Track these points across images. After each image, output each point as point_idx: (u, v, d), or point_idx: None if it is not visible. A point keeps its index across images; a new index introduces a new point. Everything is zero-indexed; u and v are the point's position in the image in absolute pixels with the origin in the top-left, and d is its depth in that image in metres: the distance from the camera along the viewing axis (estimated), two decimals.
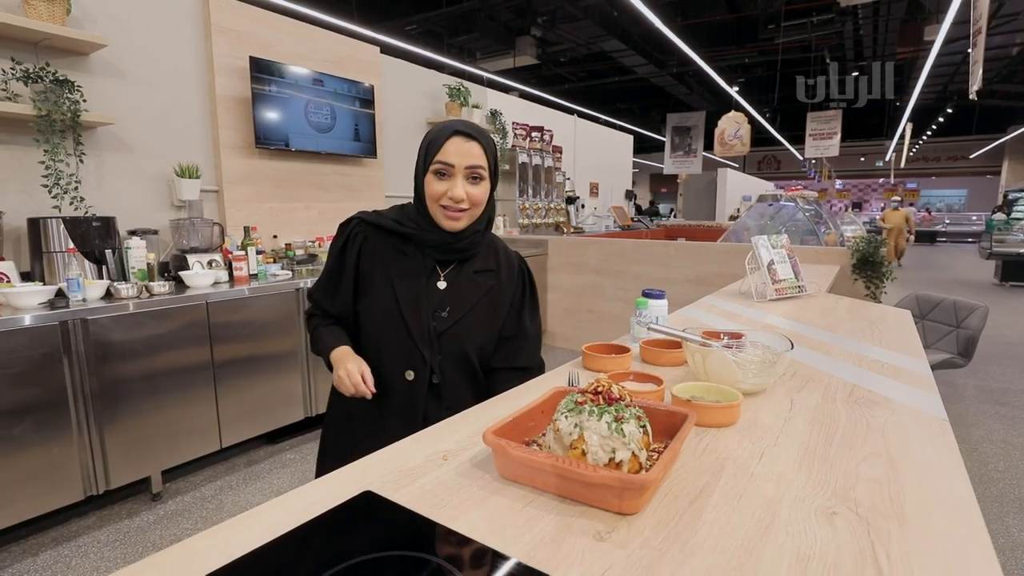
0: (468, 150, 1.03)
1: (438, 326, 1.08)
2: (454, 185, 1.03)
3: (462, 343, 1.09)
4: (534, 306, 1.21)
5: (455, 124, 1.05)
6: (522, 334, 1.17)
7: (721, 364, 1.01)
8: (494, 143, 1.10)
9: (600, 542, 0.57)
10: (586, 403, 0.69)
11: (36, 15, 2.22)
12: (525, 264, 1.23)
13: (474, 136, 1.04)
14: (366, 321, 1.12)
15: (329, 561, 0.53)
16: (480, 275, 1.13)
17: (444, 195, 1.03)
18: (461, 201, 1.03)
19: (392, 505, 0.64)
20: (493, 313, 1.14)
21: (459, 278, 1.12)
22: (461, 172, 1.03)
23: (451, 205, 1.04)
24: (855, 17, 8.80)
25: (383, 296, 1.09)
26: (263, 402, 2.68)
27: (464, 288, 1.11)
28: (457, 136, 1.03)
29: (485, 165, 1.05)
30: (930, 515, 0.62)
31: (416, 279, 1.09)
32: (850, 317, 1.81)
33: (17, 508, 1.94)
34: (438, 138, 1.03)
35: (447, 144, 1.02)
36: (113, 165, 2.64)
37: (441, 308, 1.09)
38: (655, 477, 0.61)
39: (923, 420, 0.91)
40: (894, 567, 0.53)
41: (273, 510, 0.64)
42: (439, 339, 1.08)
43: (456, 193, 1.02)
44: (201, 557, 0.55)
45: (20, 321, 1.90)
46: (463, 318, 1.09)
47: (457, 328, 1.09)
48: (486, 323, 1.13)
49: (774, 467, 0.74)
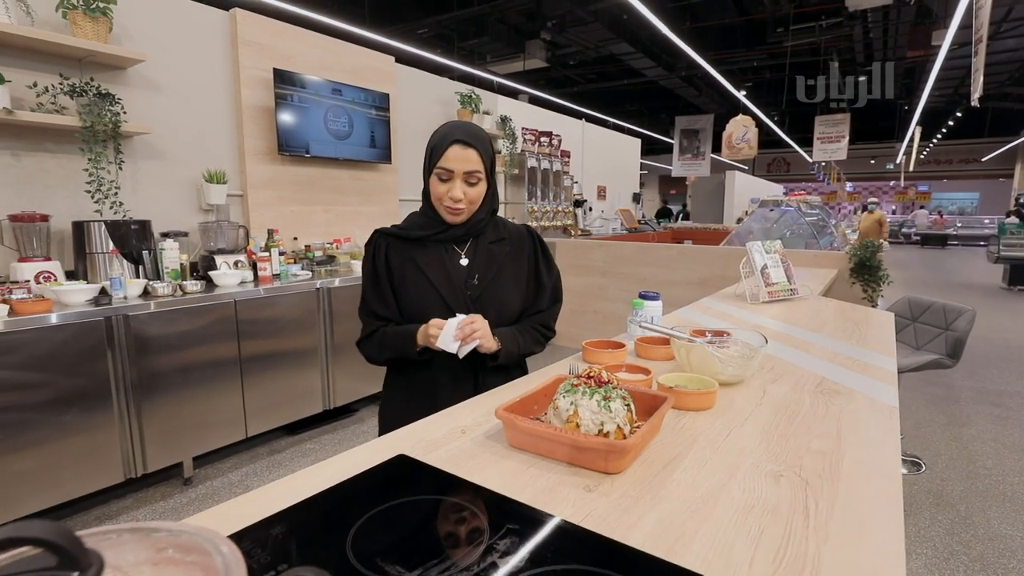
0: (466, 157, 1.17)
1: (472, 293, 1.24)
2: (453, 188, 1.18)
3: (496, 303, 1.25)
4: (548, 260, 1.38)
5: (455, 132, 1.18)
6: (540, 284, 1.35)
7: (703, 358, 1.15)
8: (491, 145, 1.24)
9: (588, 492, 0.72)
10: (580, 385, 0.84)
11: (82, 34, 2.40)
12: (531, 229, 1.40)
13: (471, 144, 1.17)
14: (409, 309, 1.25)
15: (374, 502, 0.68)
16: (494, 244, 1.30)
17: (445, 196, 1.19)
18: (459, 202, 1.19)
19: (422, 464, 0.79)
20: (516, 272, 1.31)
21: (478, 251, 1.28)
22: (460, 176, 1.18)
23: (451, 205, 1.19)
24: (864, 21, 8.86)
25: (418, 283, 1.24)
26: (285, 395, 2.85)
27: (484, 257, 1.27)
28: (456, 144, 1.16)
29: (482, 169, 1.19)
30: (859, 477, 0.76)
31: (441, 261, 1.25)
32: (835, 319, 1.94)
33: (67, 488, 2.12)
34: (440, 145, 1.18)
35: (447, 152, 1.16)
36: (148, 172, 2.82)
37: (471, 278, 1.25)
38: (635, 443, 0.75)
39: (876, 407, 1.05)
40: (819, 511, 0.67)
41: (326, 468, 0.79)
42: (475, 304, 1.23)
43: (455, 195, 1.18)
44: (273, 501, 0.70)
45: (72, 316, 2.08)
46: (491, 281, 1.26)
47: (489, 291, 1.25)
48: (512, 281, 1.29)
49: (738, 442, 0.89)
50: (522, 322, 1.33)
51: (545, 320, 1.36)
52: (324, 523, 0.65)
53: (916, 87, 11.90)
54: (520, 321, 1.32)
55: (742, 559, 0.59)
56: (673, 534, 0.63)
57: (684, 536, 0.62)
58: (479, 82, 8.15)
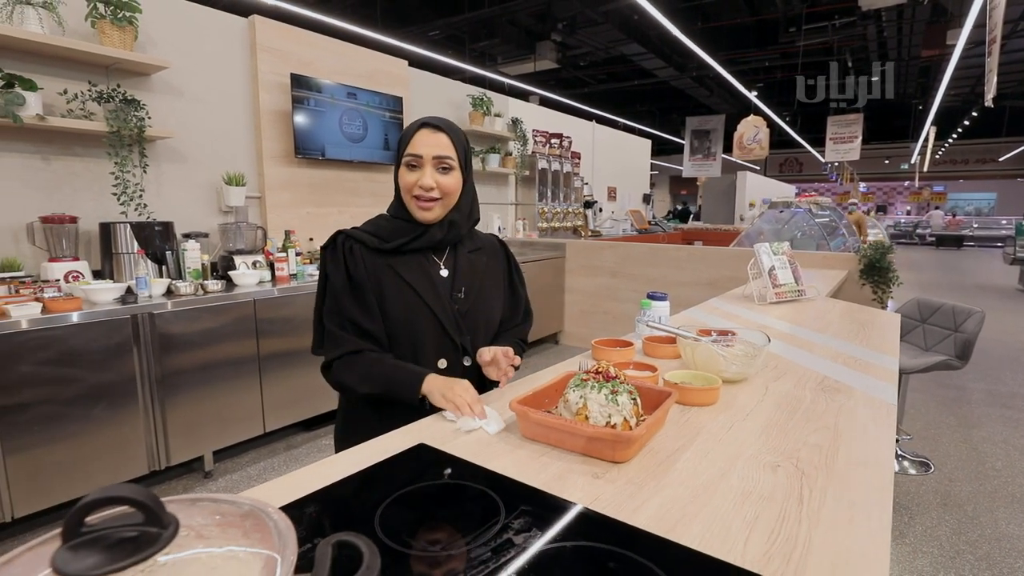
0: (435, 141, 1.08)
1: (460, 308, 1.14)
2: (423, 175, 1.08)
3: (483, 318, 1.18)
4: (520, 272, 1.33)
5: (424, 118, 1.11)
6: (516, 297, 1.30)
7: (707, 356, 1.20)
8: (464, 136, 1.15)
9: (596, 479, 0.77)
10: (590, 380, 0.89)
11: (109, 42, 2.49)
12: (499, 238, 1.34)
13: (441, 128, 1.09)
14: (394, 326, 1.11)
15: (398, 485, 0.74)
16: (473, 254, 1.22)
17: (415, 185, 1.08)
18: (431, 190, 1.08)
19: (441, 453, 0.85)
20: (495, 286, 1.24)
21: (458, 261, 1.18)
22: (429, 162, 1.08)
23: (422, 195, 1.08)
24: (878, 20, 8.80)
25: (401, 293, 1.10)
26: (301, 392, 2.93)
27: (466, 268, 1.18)
28: (424, 128, 1.09)
29: (453, 155, 1.10)
30: (852, 468, 0.81)
31: (423, 270, 1.14)
32: (841, 320, 1.97)
33: (96, 479, 2.21)
34: (407, 132, 1.10)
35: (416, 137, 1.08)
36: (171, 174, 2.92)
37: (456, 291, 1.15)
38: (640, 434, 0.81)
39: (874, 403, 1.09)
40: (812, 498, 0.72)
41: (351, 455, 0.85)
42: (464, 319, 1.15)
43: (425, 182, 1.07)
44: (304, 484, 0.76)
45: (100, 314, 2.17)
46: (477, 295, 1.17)
47: (476, 305, 1.17)
48: (495, 295, 1.22)
49: (739, 435, 0.93)
50: (506, 335, 1.25)
51: (524, 335, 1.31)
52: (353, 504, 0.71)
53: (931, 86, 11.78)
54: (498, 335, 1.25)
55: (738, 539, 0.63)
56: (674, 516, 0.68)
57: (685, 518, 0.68)
58: (490, 84, 8.22)
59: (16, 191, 2.43)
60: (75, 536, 0.34)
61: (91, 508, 0.34)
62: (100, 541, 0.34)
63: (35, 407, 2.03)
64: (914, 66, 11.31)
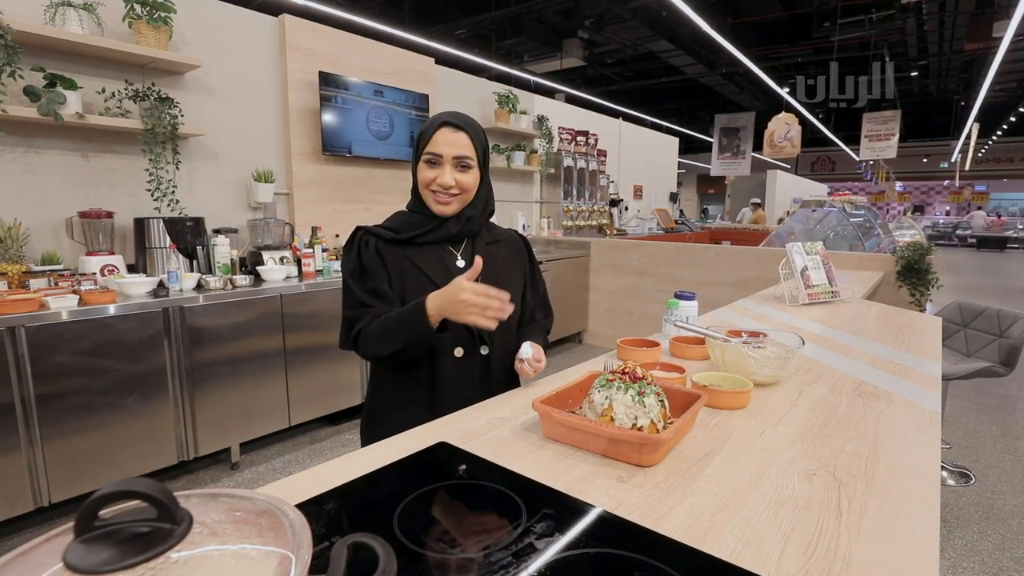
0: (456, 140, 1.08)
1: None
2: (443, 173, 1.09)
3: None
4: (538, 268, 1.32)
5: (444, 116, 1.10)
6: (536, 292, 1.30)
7: (738, 357, 1.16)
8: (483, 133, 1.16)
9: (621, 483, 0.75)
10: (615, 380, 0.86)
11: (145, 42, 2.55)
12: (520, 234, 1.33)
13: (461, 127, 1.09)
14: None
15: (418, 484, 0.73)
16: (491, 246, 1.22)
17: (433, 181, 1.09)
18: (450, 188, 1.09)
19: (462, 452, 0.83)
20: (513, 278, 1.23)
21: (476, 253, 1.16)
22: (449, 161, 1.08)
23: (440, 191, 1.10)
24: (918, 12, 8.48)
25: (420, 283, 1.12)
26: (326, 386, 2.96)
27: (483, 260, 1.13)
28: (445, 127, 1.08)
29: (473, 155, 1.10)
30: (895, 479, 0.77)
31: (441, 261, 1.15)
32: (877, 322, 1.89)
33: (126, 467, 2.27)
34: (428, 130, 1.10)
35: (436, 135, 1.08)
36: (202, 171, 2.98)
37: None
38: (668, 437, 0.78)
39: (915, 411, 1.03)
40: (852, 509, 0.68)
41: (372, 452, 0.84)
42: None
43: (444, 181, 1.08)
44: (324, 479, 0.75)
45: (133, 307, 2.22)
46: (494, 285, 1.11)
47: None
48: (512, 287, 1.19)
49: (772, 441, 0.89)
50: (530, 328, 1.26)
51: (547, 328, 1.32)
52: (372, 501, 0.70)
53: (974, 81, 11.32)
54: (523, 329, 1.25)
55: (772, 551, 0.60)
56: (704, 525, 0.65)
57: (714, 527, 0.65)
58: (516, 82, 8.20)
59: (57, 187, 2.51)
60: (88, 530, 0.34)
61: (104, 502, 0.34)
62: (113, 536, 0.34)
63: (71, 396, 2.09)
64: (956, 60, 10.87)
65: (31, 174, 2.44)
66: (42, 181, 2.47)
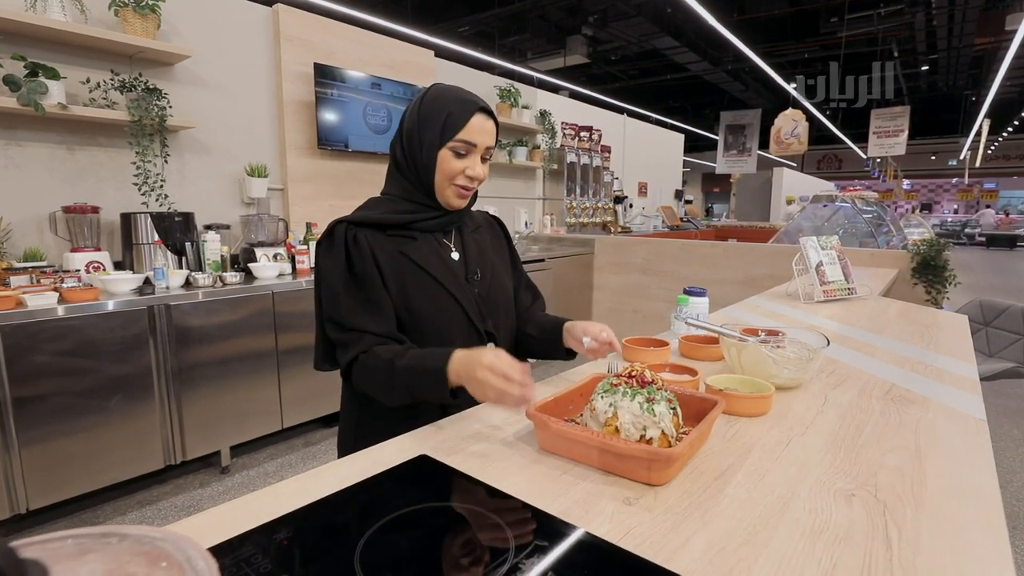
0: (490, 129, 0.99)
1: (480, 292, 1.05)
2: (474, 164, 0.98)
3: (502, 301, 1.10)
4: (513, 246, 1.24)
5: (475, 99, 0.98)
6: (519, 273, 1.22)
7: (756, 358, 1.05)
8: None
9: (628, 506, 0.64)
10: (620, 385, 0.75)
11: (132, 31, 2.46)
12: (492, 214, 1.25)
13: (492, 115, 1.00)
14: (416, 315, 0.99)
15: (389, 508, 0.62)
16: (475, 233, 1.13)
17: (461, 173, 0.98)
18: (475, 180, 0.99)
19: (444, 467, 0.73)
20: (503, 264, 1.16)
21: (466, 242, 1.09)
22: (480, 151, 0.99)
23: (466, 184, 0.99)
24: (928, 7, 8.32)
25: (422, 282, 0.99)
26: (320, 388, 2.86)
27: (474, 250, 1.09)
28: (481, 114, 0.97)
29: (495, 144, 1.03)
30: (948, 501, 0.66)
31: (438, 255, 1.03)
32: (899, 320, 1.78)
33: (111, 472, 2.17)
34: (460, 114, 0.95)
35: (472, 122, 0.96)
36: (193, 165, 2.88)
37: (471, 274, 1.06)
38: (681, 451, 0.67)
39: (958, 419, 0.92)
40: (904, 541, 0.57)
41: (342, 466, 0.74)
42: (485, 303, 1.06)
43: (476, 172, 0.98)
44: (286, 499, 0.65)
45: (116, 305, 2.13)
46: (492, 276, 1.09)
47: (493, 288, 1.08)
48: (505, 274, 1.15)
49: (800, 453, 0.78)
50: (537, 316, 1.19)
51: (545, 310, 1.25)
52: (333, 529, 0.59)
53: (985, 77, 11.13)
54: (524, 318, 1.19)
55: None
56: (727, 560, 0.54)
57: (741, 564, 0.54)
58: (520, 79, 8.07)
59: (41, 181, 2.41)
60: None
61: None
62: None
63: (51, 398, 2.00)
64: (966, 56, 10.69)
65: (13, 167, 2.35)
66: (25, 175, 2.38)
